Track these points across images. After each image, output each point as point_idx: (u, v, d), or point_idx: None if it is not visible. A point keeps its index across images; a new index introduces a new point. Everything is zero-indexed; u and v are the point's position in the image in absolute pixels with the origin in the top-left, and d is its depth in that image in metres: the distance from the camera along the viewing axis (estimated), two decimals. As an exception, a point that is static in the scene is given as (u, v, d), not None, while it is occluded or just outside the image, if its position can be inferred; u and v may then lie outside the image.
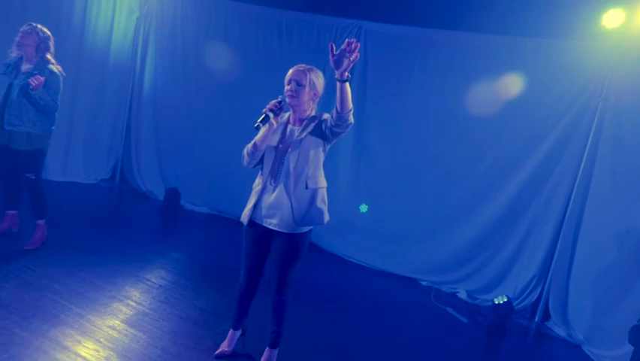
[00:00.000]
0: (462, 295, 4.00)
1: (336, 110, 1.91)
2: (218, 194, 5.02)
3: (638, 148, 3.24)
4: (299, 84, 2.07)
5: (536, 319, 3.76)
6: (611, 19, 3.45)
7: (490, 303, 3.67)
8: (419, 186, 4.24)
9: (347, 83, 1.83)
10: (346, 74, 1.80)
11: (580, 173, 3.61)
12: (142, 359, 2.18)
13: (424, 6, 4.16)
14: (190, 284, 3.15)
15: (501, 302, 3.45)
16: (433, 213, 4.19)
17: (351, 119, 1.96)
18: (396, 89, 4.31)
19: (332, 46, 1.78)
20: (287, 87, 2.09)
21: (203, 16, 4.97)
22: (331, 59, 1.79)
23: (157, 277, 3.16)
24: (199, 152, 5.09)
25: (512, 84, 3.86)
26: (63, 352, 2.09)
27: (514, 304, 3.78)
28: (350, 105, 1.90)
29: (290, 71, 2.11)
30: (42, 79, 2.80)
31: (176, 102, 5.17)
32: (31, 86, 2.77)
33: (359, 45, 1.77)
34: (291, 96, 2.07)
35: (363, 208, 4.55)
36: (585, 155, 3.60)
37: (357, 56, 1.77)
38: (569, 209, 3.63)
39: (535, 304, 3.80)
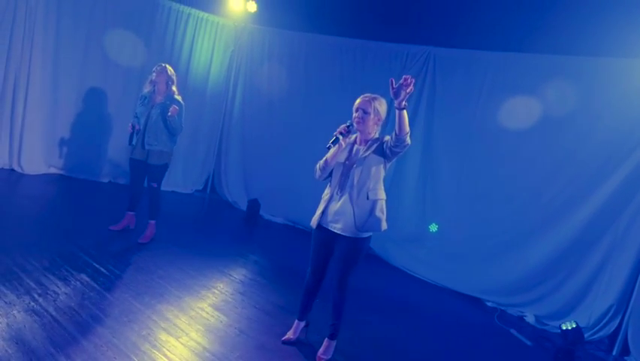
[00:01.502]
0: (529, 319, 3.90)
1: (395, 132, 2.23)
2: (294, 207, 5.48)
3: None
4: (365, 112, 2.43)
5: (614, 352, 3.53)
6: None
7: (558, 328, 3.55)
8: (487, 205, 4.26)
9: (404, 111, 2.18)
10: (404, 103, 2.15)
11: (665, 198, 3.39)
12: (223, 335, 2.63)
13: (490, 30, 4.28)
14: (265, 282, 3.60)
15: (569, 328, 3.34)
16: (500, 234, 4.17)
17: (409, 140, 2.28)
18: (464, 110, 4.44)
19: (392, 81, 2.15)
20: (355, 114, 2.46)
21: (286, 47, 5.61)
22: (391, 92, 2.15)
23: (238, 273, 3.66)
24: (278, 168, 5.65)
25: (586, 105, 3.78)
26: (165, 322, 2.61)
27: (589, 333, 3.62)
28: (407, 129, 2.23)
29: (357, 100, 2.49)
30: (177, 108, 3.52)
31: (260, 124, 5.83)
32: (169, 114, 3.49)
33: (414, 80, 2.10)
34: (358, 123, 2.45)
35: (433, 228, 4.67)
36: (671, 179, 3.38)
37: (411, 89, 2.11)
38: (651, 236, 3.42)
39: (613, 336, 3.58)
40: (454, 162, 4.50)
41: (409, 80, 2.09)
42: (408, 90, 2.10)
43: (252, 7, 5.66)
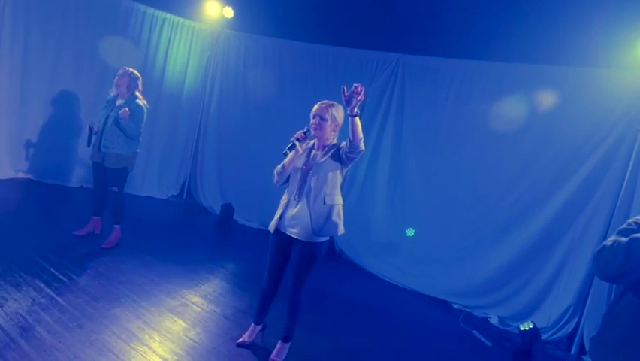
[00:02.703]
0: (493, 320, 3.96)
1: (349, 139, 2.27)
2: (268, 211, 5.44)
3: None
4: (322, 118, 2.47)
5: (572, 351, 3.61)
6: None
7: (517, 329, 3.61)
8: (454, 210, 4.33)
9: (357, 118, 2.23)
10: (355, 110, 2.19)
11: (619, 202, 3.49)
12: (177, 339, 2.63)
13: (458, 39, 4.37)
14: (231, 286, 3.60)
15: (527, 328, 3.39)
16: (466, 237, 4.24)
17: (362, 146, 2.32)
18: (431, 116, 4.52)
19: (343, 88, 2.20)
20: (312, 120, 2.50)
21: (262, 53, 5.65)
22: (343, 99, 2.19)
23: (204, 278, 3.66)
24: (253, 173, 5.65)
25: (547, 113, 3.88)
26: (118, 327, 2.60)
27: (549, 333, 3.70)
28: (360, 135, 2.28)
29: (315, 107, 2.52)
30: (128, 111, 3.52)
31: (235, 129, 5.85)
32: (120, 117, 3.50)
33: (364, 89, 2.15)
34: (316, 129, 2.49)
35: (410, 232, 4.72)
36: (625, 183, 3.49)
37: (362, 97, 2.16)
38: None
39: (571, 336, 3.66)
40: (422, 168, 4.57)
41: (359, 89, 2.14)
42: (359, 98, 2.15)
43: (229, 13, 5.69)
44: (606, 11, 3.48)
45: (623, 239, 1.40)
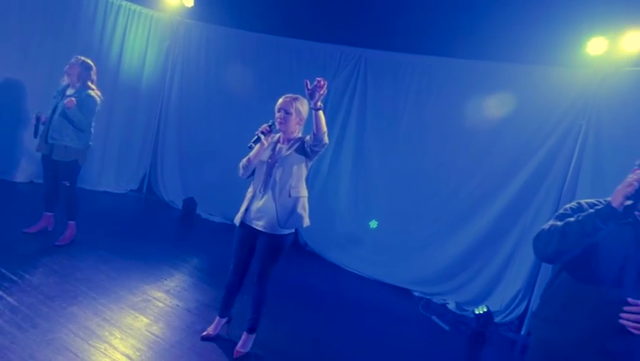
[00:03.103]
0: (451, 306, 4.16)
1: (313, 132, 2.30)
2: (232, 205, 5.40)
3: (615, 168, 3.37)
4: (287, 112, 2.48)
5: (522, 332, 3.86)
6: (595, 46, 3.64)
7: (473, 313, 3.81)
8: (414, 201, 4.49)
9: (320, 111, 2.25)
10: (319, 103, 2.21)
11: (564, 192, 3.75)
12: (138, 335, 2.58)
13: (419, 35, 4.50)
14: (193, 280, 3.55)
15: (481, 312, 3.60)
16: (425, 228, 4.41)
17: (326, 139, 2.35)
18: (393, 110, 4.64)
19: (307, 82, 2.21)
20: (277, 114, 2.50)
21: (223, 44, 5.55)
22: (307, 92, 2.21)
23: (166, 273, 3.58)
24: (216, 166, 5.57)
25: (500, 108, 4.09)
26: (75, 325, 2.51)
27: (501, 316, 3.93)
28: (324, 128, 2.30)
29: (280, 101, 2.53)
30: (74, 100, 3.36)
31: (197, 121, 5.73)
32: (66, 107, 3.34)
33: (326, 83, 2.17)
34: (281, 123, 2.50)
35: (374, 224, 4.83)
36: (569, 174, 3.75)
37: (324, 91, 2.18)
38: (553, 226, 3.76)
39: (522, 318, 3.91)
40: (384, 161, 4.69)
41: (322, 83, 2.16)
42: (321, 92, 2.17)
43: (189, 2, 5.53)
44: (557, 12, 3.70)
45: (559, 223, 1.53)
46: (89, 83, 3.59)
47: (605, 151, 3.50)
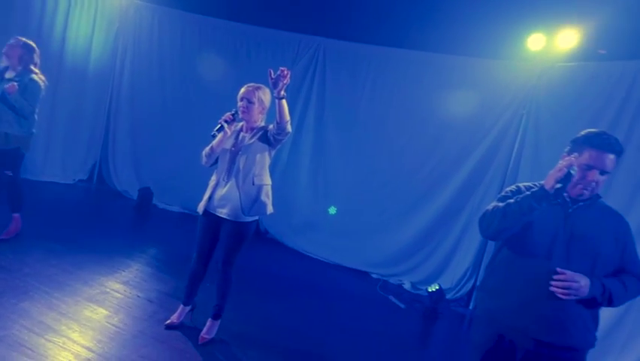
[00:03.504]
0: (407, 285, 4.41)
1: (277, 121, 2.33)
2: (191, 194, 5.32)
3: (550, 155, 3.69)
4: (249, 101, 2.49)
5: (470, 306, 4.17)
6: (534, 42, 3.91)
7: (426, 292, 4.07)
8: (370, 188, 4.66)
9: (283, 100, 2.29)
10: (282, 92, 2.25)
11: (507, 177, 4.06)
12: (98, 327, 2.53)
13: (375, 26, 4.61)
14: (153, 271, 3.50)
15: (434, 290, 3.86)
16: (382, 213, 4.61)
17: (289, 128, 2.40)
18: (351, 99, 4.76)
19: (270, 71, 2.24)
20: (240, 103, 2.51)
21: (178, 29, 5.37)
22: (270, 81, 2.24)
23: (123, 264, 3.50)
24: (173, 154, 5.44)
25: (451, 98, 4.32)
26: (29, 321, 2.42)
27: (452, 293, 4.22)
28: (287, 117, 2.35)
29: (242, 90, 2.53)
30: (16, 85, 3.15)
31: (151, 108, 5.53)
32: (7, 92, 3.12)
33: (290, 72, 2.21)
34: (243, 112, 2.51)
35: (332, 210, 4.95)
36: (511, 161, 4.07)
37: (288, 81, 2.22)
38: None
39: (470, 294, 4.22)
40: (343, 149, 4.82)
41: (285, 72, 2.19)
42: (285, 81, 2.20)
43: (138, -18, 5.29)
44: (504, 9, 3.92)
45: (501, 204, 1.70)
46: (32, 67, 3.37)
47: (542, 140, 3.83)
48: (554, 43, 3.82)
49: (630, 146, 3.09)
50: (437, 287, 3.86)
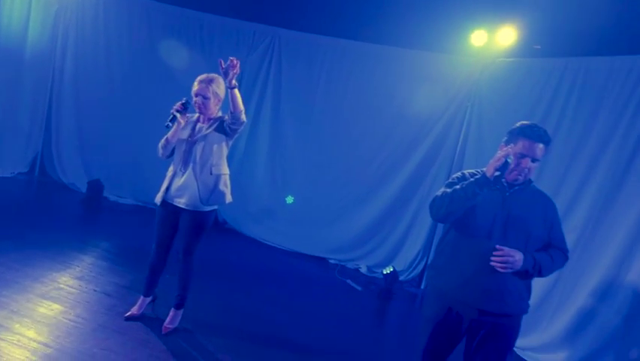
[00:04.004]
0: (363, 269, 4.62)
1: (230, 111, 2.36)
2: (144, 186, 5.18)
3: (492, 145, 3.98)
4: (205, 97, 2.49)
5: (422, 286, 4.47)
6: (477, 38, 4.17)
7: (382, 274, 4.30)
8: (326, 177, 4.80)
9: (235, 89, 2.31)
10: (233, 82, 2.27)
11: (454, 164, 4.36)
12: (54, 323, 2.47)
13: (331, 17, 4.69)
14: (108, 265, 3.42)
15: (388, 272, 4.09)
16: (338, 200, 4.77)
17: (244, 117, 2.43)
18: (307, 89, 4.83)
19: (221, 62, 2.25)
20: (195, 100, 2.50)
21: (125, 13, 5.13)
22: (221, 71, 2.26)
23: (76, 259, 3.38)
24: (124, 145, 5.23)
25: (402, 90, 4.52)
26: (-22, 320, 2.31)
27: (405, 274, 4.48)
28: (241, 107, 2.38)
29: (195, 86, 2.50)
30: None
31: (99, 95, 5.27)
32: None
33: (239, 62, 2.23)
34: (200, 108, 2.50)
35: (290, 200, 5.02)
36: (457, 151, 4.35)
37: (237, 71, 2.24)
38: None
39: (421, 275, 4.51)
40: (299, 139, 4.90)
41: (234, 62, 2.21)
42: (234, 71, 2.23)
43: (80, -39, 4.98)
44: (449, 4, 4.14)
45: (448, 190, 1.88)
46: None
47: (485, 130, 4.14)
48: (495, 40, 4.11)
49: (559, 136, 3.45)
50: (391, 269, 4.10)
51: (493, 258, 1.81)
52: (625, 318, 2.87)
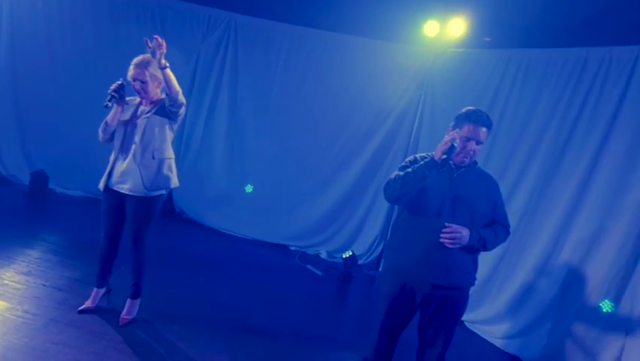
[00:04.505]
0: (323, 255, 4.71)
1: (166, 93, 2.30)
2: (93, 175, 4.90)
3: (445, 130, 4.18)
4: (143, 82, 2.41)
5: (379, 269, 4.63)
6: (430, 29, 4.30)
7: (341, 259, 4.42)
8: (286, 164, 4.81)
9: (167, 69, 2.23)
10: (162, 62, 2.20)
11: (409, 151, 4.52)
12: (2, 320, 2.34)
13: (288, 3, 4.65)
14: (57, 258, 3.26)
15: (347, 256, 4.21)
16: (297, 188, 4.81)
17: (181, 98, 2.35)
18: (265, 76, 4.80)
19: (147, 40, 2.18)
20: (133, 84, 2.41)
21: (69, -7, 4.81)
22: (148, 50, 2.19)
23: (21, 254, 3.20)
24: (70, 133, 4.94)
25: (358, 78, 4.60)
26: None
27: (364, 258, 4.62)
28: (176, 88, 2.29)
29: (131, 70, 2.40)
30: None
31: (40, 79, 4.92)
32: None
33: (164, 42, 2.17)
34: (140, 92, 2.42)
35: (249, 189, 4.99)
36: (412, 138, 4.52)
37: (164, 50, 2.18)
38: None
39: (379, 258, 4.67)
40: (258, 126, 4.86)
41: (159, 41, 2.16)
42: (161, 50, 2.16)
43: None
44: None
45: (401, 173, 1.98)
46: None
47: (437, 117, 4.32)
48: (447, 31, 4.27)
49: (504, 122, 3.68)
50: (350, 253, 4.21)
51: (442, 235, 1.93)
52: (561, 287, 3.15)
